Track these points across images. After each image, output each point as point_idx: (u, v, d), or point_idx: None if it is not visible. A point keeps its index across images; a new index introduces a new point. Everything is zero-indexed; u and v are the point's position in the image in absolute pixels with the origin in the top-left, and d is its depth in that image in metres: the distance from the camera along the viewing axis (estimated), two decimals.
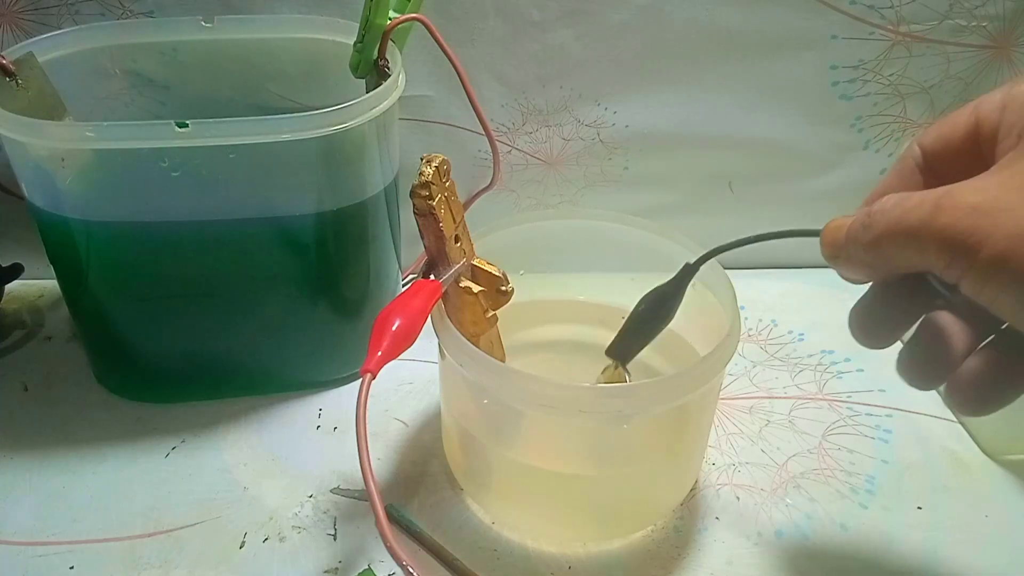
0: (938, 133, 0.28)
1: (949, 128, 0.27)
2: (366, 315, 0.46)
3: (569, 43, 0.49)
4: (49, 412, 0.45)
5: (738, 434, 0.45)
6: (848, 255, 0.27)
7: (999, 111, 0.25)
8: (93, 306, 0.43)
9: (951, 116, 0.28)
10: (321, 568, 0.37)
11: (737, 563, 0.37)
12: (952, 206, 0.23)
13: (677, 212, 0.56)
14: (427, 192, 0.32)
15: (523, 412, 0.35)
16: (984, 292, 0.23)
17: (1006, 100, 0.25)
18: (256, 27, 0.46)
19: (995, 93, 0.26)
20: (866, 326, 0.29)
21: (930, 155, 0.28)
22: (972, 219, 0.22)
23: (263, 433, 0.44)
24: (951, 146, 0.27)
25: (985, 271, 0.22)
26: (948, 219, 0.23)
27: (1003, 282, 0.22)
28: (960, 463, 0.43)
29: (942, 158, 0.28)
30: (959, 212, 0.23)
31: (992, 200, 0.22)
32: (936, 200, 0.23)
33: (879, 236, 0.25)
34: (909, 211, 0.24)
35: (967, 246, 0.22)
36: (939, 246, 0.23)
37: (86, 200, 0.38)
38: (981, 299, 0.23)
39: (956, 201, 0.23)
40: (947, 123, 0.28)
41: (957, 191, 0.23)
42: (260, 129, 0.36)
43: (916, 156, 0.28)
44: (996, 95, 0.26)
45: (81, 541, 0.38)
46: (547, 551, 0.38)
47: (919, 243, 0.24)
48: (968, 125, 0.27)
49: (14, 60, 0.40)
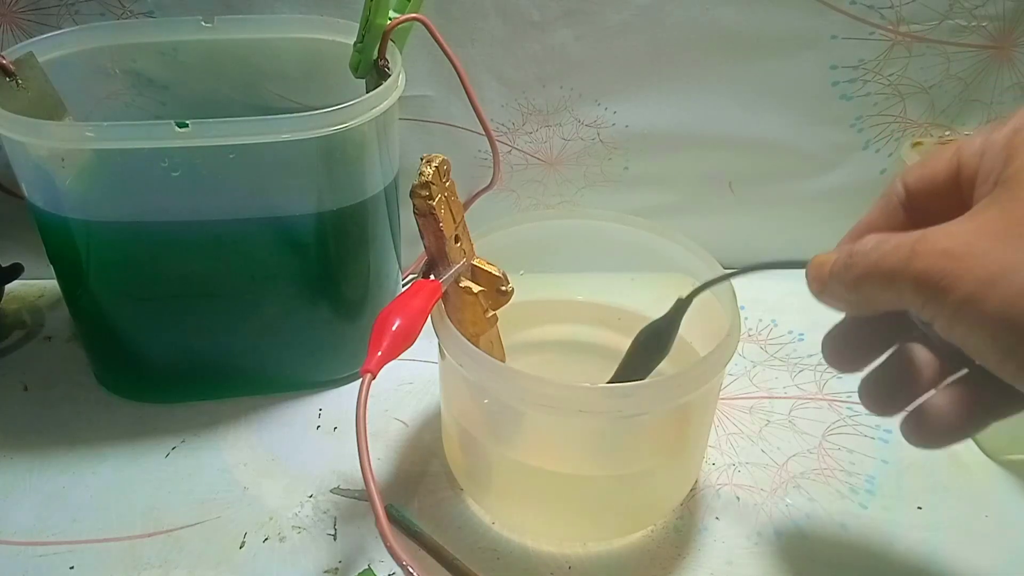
0: (921, 173, 0.29)
1: (931, 169, 0.28)
2: (366, 315, 0.46)
3: (569, 43, 0.49)
4: (49, 412, 0.45)
5: (738, 434, 0.45)
6: (831, 292, 0.28)
7: (978, 156, 0.26)
8: (93, 306, 0.43)
9: (934, 156, 0.29)
10: (321, 568, 0.37)
11: (737, 563, 0.37)
12: (926, 251, 0.24)
13: (677, 212, 0.56)
14: (427, 192, 0.32)
15: (523, 412, 0.35)
16: (955, 332, 0.24)
17: (985, 146, 0.26)
18: (256, 27, 0.46)
19: (976, 138, 0.27)
20: (839, 352, 0.30)
21: (913, 194, 0.29)
22: (944, 262, 0.23)
23: (263, 433, 0.44)
24: (934, 187, 0.28)
25: (955, 313, 0.23)
26: (922, 264, 0.24)
27: (971, 324, 0.23)
28: (960, 463, 0.43)
29: (925, 197, 0.29)
30: (932, 257, 0.24)
31: (964, 245, 0.23)
32: (912, 244, 0.24)
33: (859, 277, 0.26)
34: (887, 255, 0.25)
35: (939, 288, 0.23)
36: (914, 289, 0.24)
37: (86, 200, 0.39)
38: (952, 339, 0.24)
39: (930, 246, 0.24)
40: (930, 164, 0.29)
41: (931, 236, 0.24)
42: (260, 129, 0.36)
43: (900, 194, 0.29)
44: (976, 140, 0.27)
45: (81, 541, 0.38)
46: (547, 551, 0.38)
47: (896, 285, 0.25)
48: (950, 167, 0.28)
49: (14, 60, 0.40)
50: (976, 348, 0.24)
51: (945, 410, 0.27)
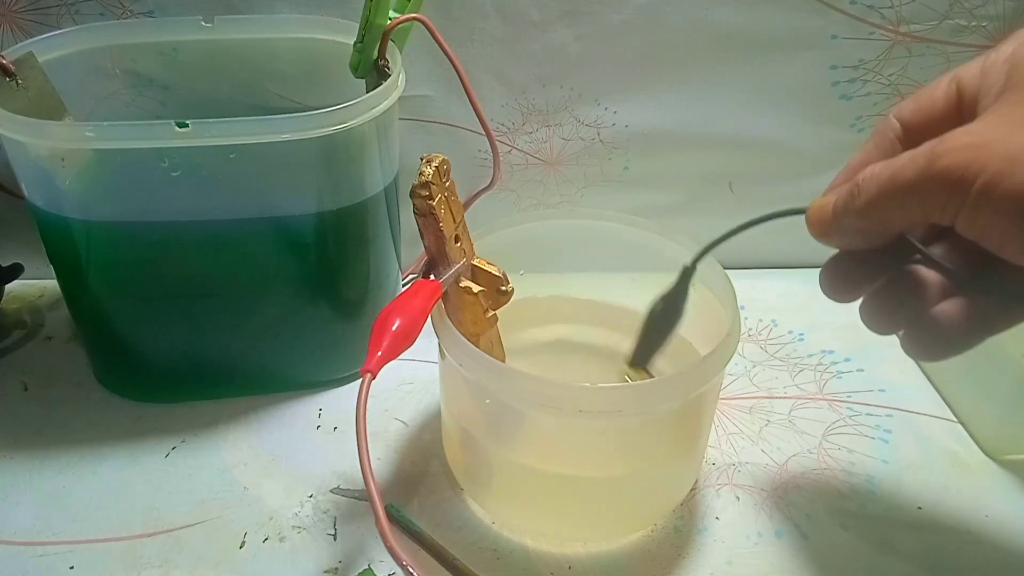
0: (917, 105, 0.29)
1: (928, 99, 0.29)
2: (366, 315, 0.46)
3: (569, 43, 0.49)
4: (49, 412, 0.45)
5: (738, 434, 0.45)
6: (839, 226, 0.28)
7: (979, 77, 0.27)
8: (93, 306, 0.43)
9: (927, 88, 0.29)
10: (321, 568, 0.37)
11: (737, 563, 0.37)
12: (947, 150, 0.24)
13: (677, 212, 0.56)
14: (427, 192, 0.32)
15: (523, 412, 0.35)
16: (977, 221, 0.24)
17: (984, 66, 0.27)
18: (256, 27, 0.46)
19: (972, 63, 0.28)
20: (837, 280, 0.31)
21: (910, 126, 0.29)
22: (967, 152, 0.24)
23: (263, 433, 0.44)
24: (932, 114, 0.29)
25: (980, 197, 0.23)
26: (946, 161, 0.24)
27: (996, 205, 0.23)
28: (960, 463, 0.43)
29: (922, 128, 0.29)
30: (955, 152, 0.24)
31: (985, 134, 0.24)
32: (930, 149, 0.25)
33: (873, 198, 0.26)
34: (902, 168, 0.25)
35: (964, 178, 0.24)
36: (940, 187, 0.24)
37: (86, 200, 0.39)
38: (974, 232, 0.24)
39: (951, 145, 0.24)
40: (924, 95, 0.29)
41: (949, 136, 0.25)
42: (260, 129, 0.36)
43: (895, 128, 0.30)
44: (973, 65, 0.28)
45: (81, 541, 0.38)
46: (547, 551, 0.38)
47: (917, 192, 0.25)
48: (948, 94, 0.28)
49: (14, 60, 0.40)
50: (999, 234, 0.24)
51: (948, 320, 0.28)
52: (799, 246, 0.31)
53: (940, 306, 0.28)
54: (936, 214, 0.25)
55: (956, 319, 0.28)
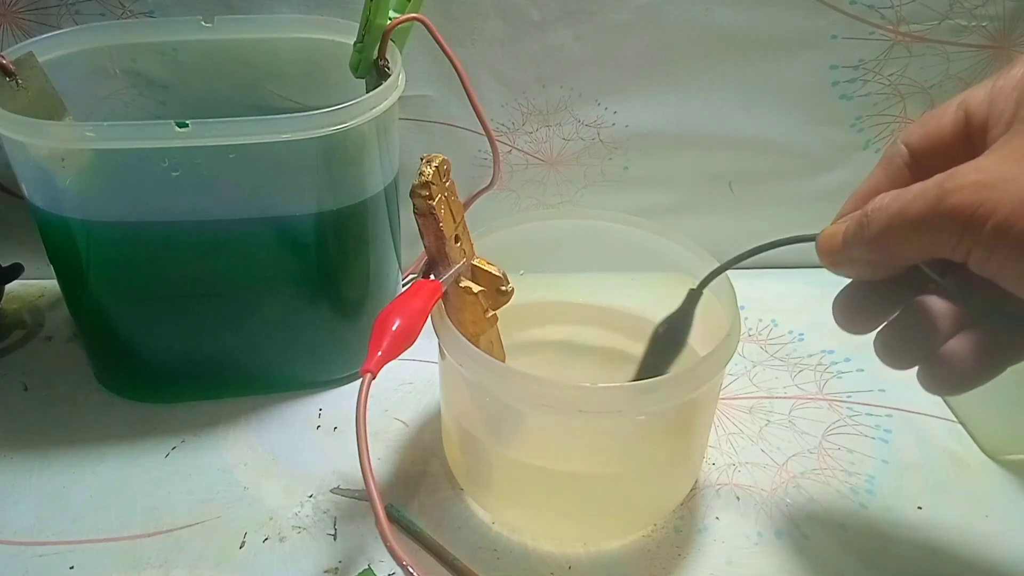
0: (925, 130, 0.29)
1: (936, 125, 0.28)
2: (366, 315, 0.46)
3: (569, 43, 0.49)
4: (49, 412, 0.45)
5: (738, 434, 0.45)
6: (849, 257, 0.28)
7: (987, 104, 0.27)
8: (93, 306, 0.43)
9: (934, 114, 0.29)
10: (321, 568, 0.37)
11: (737, 563, 0.37)
12: (956, 187, 0.24)
13: (677, 212, 0.56)
14: (427, 192, 0.32)
15: (523, 412, 0.35)
16: (991, 262, 0.24)
17: (992, 93, 0.27)
18: (256, 27, 0.46)
19: (980, 88, 0.27)
20: (851, 313, 0.30)
21: (918, 152, 0.29)
22: (977, 192, 0.23)
23: (263, 433, 0.44)
24: (940, 142, 0.28)
25: (993, 238, 0.23)
26: (955, 199, 0.24)
27: (1010, 249, 0.23)
28: (960, 463, 0.43)
29: (931, 154, 0.29)
30: (965, 190, 0.24)
31: (995, 173, 0.24)
32: (939, 184, 0.24)
33: (882, 231, 0.26)
34: (911, 201, 0.25)
35: (976, 218, 0.23)
36: (949, 225, 0.24)
37: (86, 200, 0.39)
38: (988, 271, 0.24)
39: (959, 182, 0.24)
40: (932, 121, 0.29)
41: (958, 173, 0.24)
42: (260, 129, 0.36)
43: (903, 155, 0.29)
44: (981, 90, 0.27)
45: (81, 541, 0.38)
46: (547, 551, 0.38)
47: (927, 228, 0.25)
48: (956, 120, 0.28)
49: (14, 60, 0.40)
50: (1013, 276, 0.24)
51: (963, 355, 0.27)
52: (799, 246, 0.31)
53: (954, 342, 0.27)
54: (947, 251, 0.25)
55: (971, 355, 0.27)
